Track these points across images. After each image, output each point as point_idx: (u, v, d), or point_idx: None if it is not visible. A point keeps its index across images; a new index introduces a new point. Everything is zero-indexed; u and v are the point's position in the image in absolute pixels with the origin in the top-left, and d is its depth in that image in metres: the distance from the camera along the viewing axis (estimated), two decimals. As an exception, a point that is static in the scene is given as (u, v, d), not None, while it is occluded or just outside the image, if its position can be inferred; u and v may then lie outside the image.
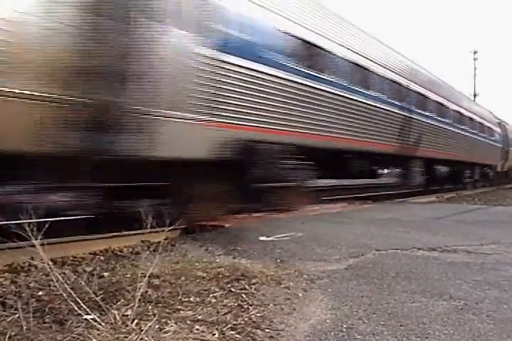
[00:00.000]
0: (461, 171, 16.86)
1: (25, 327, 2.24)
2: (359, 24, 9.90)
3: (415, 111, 11.84)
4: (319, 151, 7.85)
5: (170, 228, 3.20)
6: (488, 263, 3.87)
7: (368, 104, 9.49)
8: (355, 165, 9.59)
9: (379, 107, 9.96)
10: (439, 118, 13.63)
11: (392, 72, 10.80)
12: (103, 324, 2.22)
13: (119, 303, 2.60)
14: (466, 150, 16.17)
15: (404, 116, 11.21)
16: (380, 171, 12.18)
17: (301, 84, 7.41)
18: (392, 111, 10.57)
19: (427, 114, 12.73)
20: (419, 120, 12.09)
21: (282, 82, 6.96)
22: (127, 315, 2.35)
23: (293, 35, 7.22)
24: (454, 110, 15.23)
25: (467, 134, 16.62)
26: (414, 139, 11.74)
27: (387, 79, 10.51)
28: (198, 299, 2.80)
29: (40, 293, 2.85)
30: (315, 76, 7.76)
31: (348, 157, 9.34)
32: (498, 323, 2.45)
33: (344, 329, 2.35)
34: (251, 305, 2.71)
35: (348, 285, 3.16)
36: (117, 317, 2.30)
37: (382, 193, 13.04)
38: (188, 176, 5.44)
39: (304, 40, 7.49)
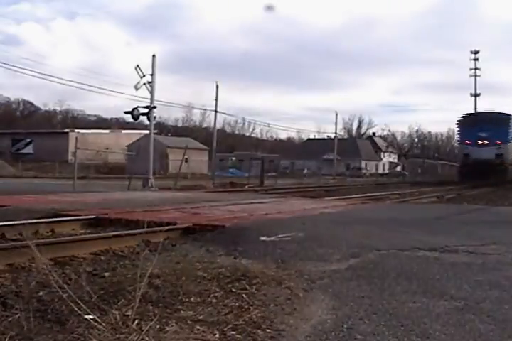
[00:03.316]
0: None
1: (26, 327, 2.24)
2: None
3: None
4: None
5: (170, 227, 3.20)
6: (488, 263, 3.87)
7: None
8: None
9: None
10: None
11: None
12: (104, 324, 2.21)
13: (119, 303, 2.59)
14: None
15: None
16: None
17: None
18: None
19: None
20: None
21: None
22: (128, 315, 2.35)
23: None
24: None
25: None
26: None
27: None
28: (198, 299, 2.79)
29: (41, 293, 2.85)
30: None
31: None
32: (499, 323, 2.45)
33: (345, 330, 2.35)
34: (252, 305, 2.70)
35: (348, 286, 3.15)
36: (118, 318, 2.29)
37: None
38: None
39: None
